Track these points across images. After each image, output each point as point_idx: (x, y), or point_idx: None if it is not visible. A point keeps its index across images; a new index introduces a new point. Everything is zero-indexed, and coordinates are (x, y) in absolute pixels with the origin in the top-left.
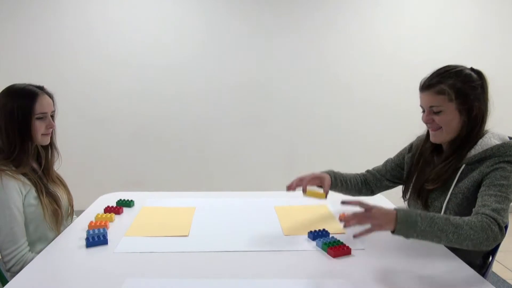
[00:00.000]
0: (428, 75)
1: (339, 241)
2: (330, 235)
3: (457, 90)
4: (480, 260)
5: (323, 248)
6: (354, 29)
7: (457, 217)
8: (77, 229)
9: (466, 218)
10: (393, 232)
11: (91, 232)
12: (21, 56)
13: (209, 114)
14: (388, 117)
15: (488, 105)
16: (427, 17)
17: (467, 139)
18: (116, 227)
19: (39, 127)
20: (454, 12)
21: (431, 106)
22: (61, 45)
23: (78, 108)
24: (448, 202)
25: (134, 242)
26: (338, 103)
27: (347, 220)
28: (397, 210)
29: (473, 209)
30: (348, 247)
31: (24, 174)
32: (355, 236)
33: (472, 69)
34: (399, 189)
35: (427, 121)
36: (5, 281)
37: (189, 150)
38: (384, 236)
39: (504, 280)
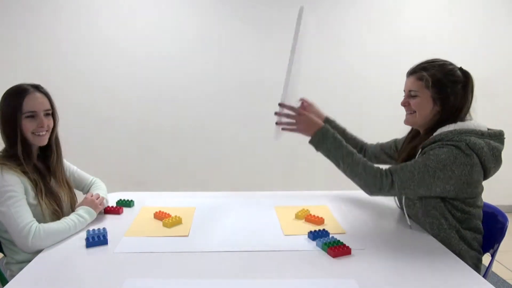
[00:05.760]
0: (417, 63)
1: (339, 241)
2: (330, 235)
3: (436, 79)
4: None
5: (323, 248)
6: (356, 29)
7: (361, 157)
8: None
9: (369, 162)
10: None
11: (91, 232)
12: (21, 56)
13: (209, 114)
14: (389, 118)
15: (470, 104)
16: (427, 17)
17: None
18: (116, 227)
19: (28, 126)
20: (454, 12)
21: (410, 91)
22: (61, 45)
23: (78, 108)
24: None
25: (134, 242)
26: (339, 102)
27: (279, 120)
28: (322, 125)
29: None
30: (348, 247)
31: (25, 173)
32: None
33: (460, 68)
34: None
35: (404, 103)
36: (5, 281)
37: (189, 150)
38: (384, 236)
39: (504, 280)
